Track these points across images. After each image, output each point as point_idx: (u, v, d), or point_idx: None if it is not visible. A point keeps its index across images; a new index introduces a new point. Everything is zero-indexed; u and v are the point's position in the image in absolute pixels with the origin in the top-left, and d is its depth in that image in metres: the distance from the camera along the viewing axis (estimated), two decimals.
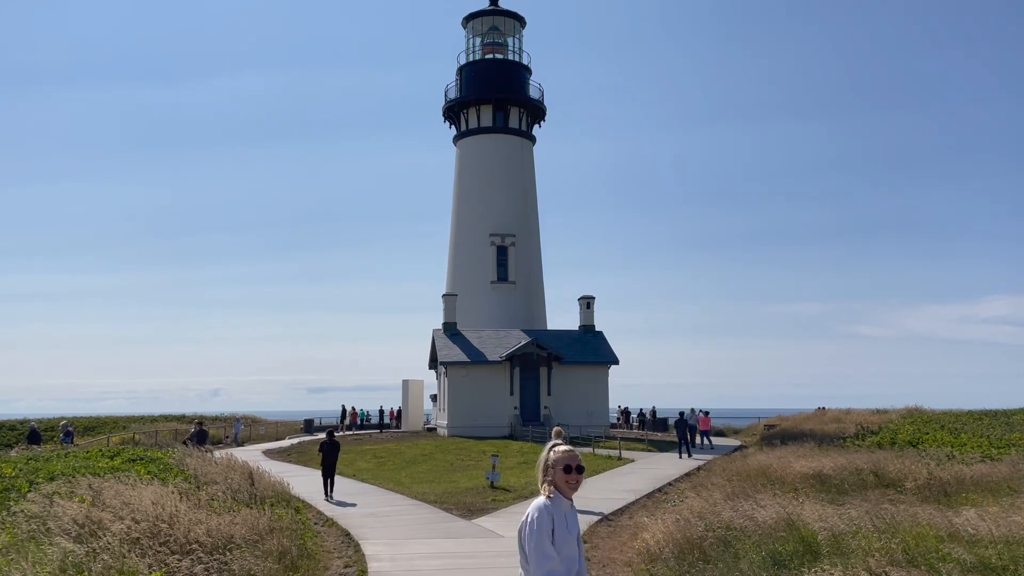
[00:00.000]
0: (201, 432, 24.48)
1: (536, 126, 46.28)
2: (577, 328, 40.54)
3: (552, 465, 4.24)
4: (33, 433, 30.94)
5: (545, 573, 4.08)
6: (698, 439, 31.42)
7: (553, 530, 4.13)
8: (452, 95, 45.75)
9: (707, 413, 33.96)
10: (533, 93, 45.77)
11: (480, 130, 44.31)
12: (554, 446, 4.36)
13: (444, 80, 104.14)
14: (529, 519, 4.18)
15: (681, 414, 29.40)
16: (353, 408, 48.30)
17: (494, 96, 43.97)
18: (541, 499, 4.24)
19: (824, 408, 45.82)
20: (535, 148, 46.25)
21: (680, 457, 26.30)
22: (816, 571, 7.36)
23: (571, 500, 4.33)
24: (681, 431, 27.55)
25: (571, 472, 4.23)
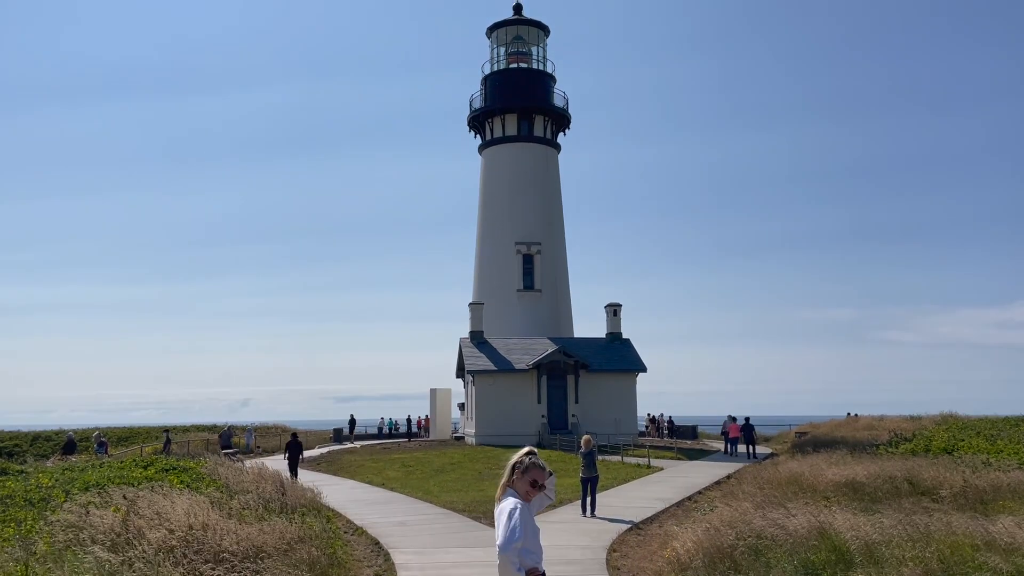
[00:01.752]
0: (295, 443, 23.79)
1: (561, 134, 46.36)
2: (604, 336, 40.43)
3: (523, 472, 4.74)
4: (69, 443, 31.51)
5: (514, 548, 4.49)
6: (740, 447, 31.66)
7: (527, 523, 4.60)
8: (477, 104, 45.98)
9: (735, 419, 33.54)
10: (558, 101, 45.87)
11: (505, 139, 44.48)
12: (530, 453, 4.83)
13: (469, 90, 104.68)
14: (510, 513, 4.58)
15: (736, 419, 33.02)
16: (352, 417, 48.37)
17: (519, 105, 44.12)
18: (514, 500, 4.67)
19: (855, 415, 45.24)
20: (560, 156, 46.32)
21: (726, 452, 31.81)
22: None
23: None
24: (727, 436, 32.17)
25: (535, 487, 4.73)
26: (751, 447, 31.15)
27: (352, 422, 47.83)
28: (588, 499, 15.52)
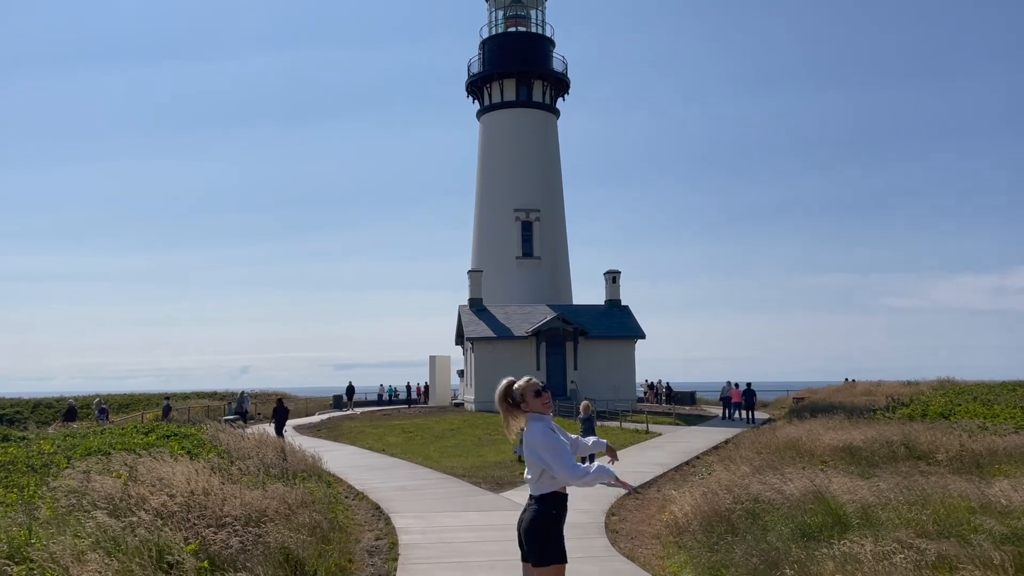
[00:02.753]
0: (281, 409, 24.94)
1: (560, 99, 45.96)
2: (603, 303, 40.47)
3: (523, 395, 4.84)
4: (70, 410, 31.68)
5: (574, 468, 4.68)
6: (739, 413, 32.06)
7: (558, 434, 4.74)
8: (475, 69, 45.50)
9: (736, 386, 33.86)
10: (556, 66, 45.40)
11: (504, 104, 44.07)
12: (510, 383, 4.95)
13: (467, 55, 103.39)
14: (536, 435, 4.74)
15: (738, 385, 33.87)
16: (350, 384, 48.24)
17: (517, 69, 43.67)
18: (531, 419, 4.82)
19: (853, 380, 45.46)
20: (559, 121, 45.94)
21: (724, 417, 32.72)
22: (845, 543, 7.34)
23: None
24: (726, 401, 33.50)
25: (542, 394, 4.84)
26: (750, 412, 31.41)
27: (351, 389, 47.84)
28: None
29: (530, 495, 4.86)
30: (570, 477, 4.66)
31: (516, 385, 4.92)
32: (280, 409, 24.71)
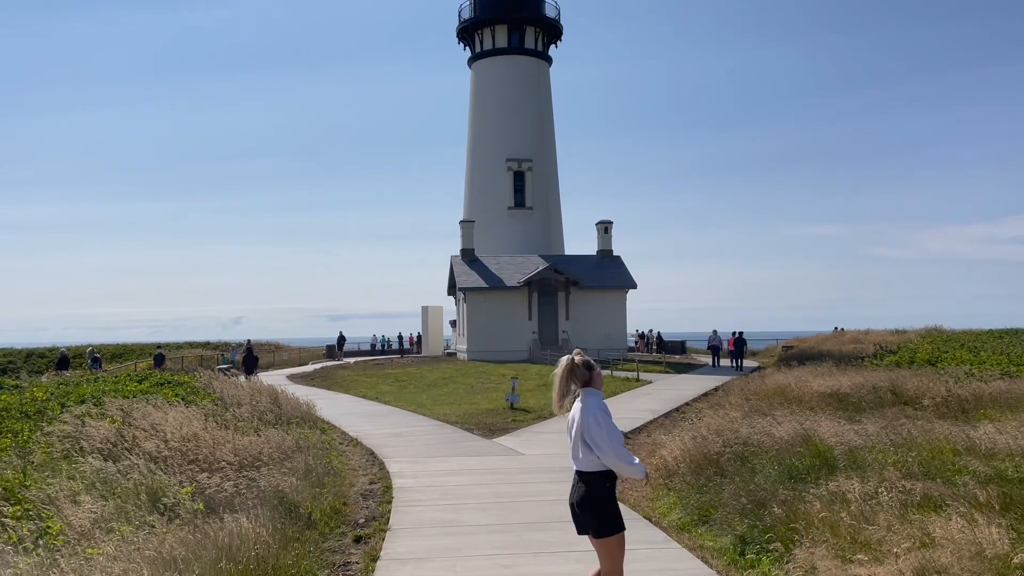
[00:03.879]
0: (251, 357, 27.21)
1: (552, 46, 45.24)
2: (595, 253, 40.47)
3: (594, 366, 4.91)
4: (63, 359, 31.70)
5: (626, 456, 4.74)
6: (726, 361, 32.73)
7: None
8: (466, 15, 44.66)
9: (717, 334, 34.81)
10: (549, 12, 44.59)
11: (495, 51, 43.38)
12: (574, 360, 4.91)
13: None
14: (596, 411, 4.78)
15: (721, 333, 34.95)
16: (340, 334, 48.36)
17: (509, 15, 42.88)
18: (589, 393, 4.86)
19: (842, 329, 45.82)
20: (552, 69, 45.32)
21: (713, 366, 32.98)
22: (833, 483, 7.46)
23: None
24: (714, 352, 34.29)
25: (594, 368, 4.95)
26: (739, 360, 31.79)
27: (341, 339, 47.94)
28: None
29: (578, 471, 4.86)
30: (618, 462, 4.73)
31: (581, 359, 4.92)
32: (249, 357, 26.76)
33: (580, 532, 4.95)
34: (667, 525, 8.11)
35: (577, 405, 4.90)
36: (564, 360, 4.97)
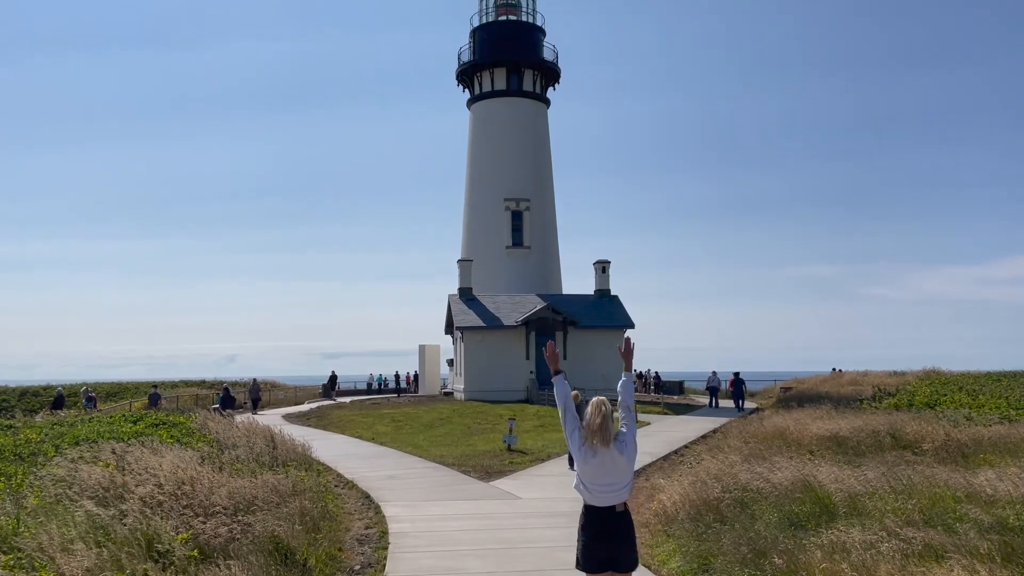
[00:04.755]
0: (227, 397, 28.09)
1: (551, 88, 45.81)
2: (592, 292, 40.51)
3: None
4: (59, 398, 31.51)
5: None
6: (727, 402, 32.80)
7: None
8: (466, 58, 45.29)
9: (736, 375, 34.24)
10: (547, 55, 45.25)
11: (494, 93, 43.91)
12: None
13: (458, 43, 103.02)
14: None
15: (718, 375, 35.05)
16: (333, 373, 47.75)
17: (508, 58, 43.50)
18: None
19: (839, 370, 45.73)
20: (549, 111, 45.85)
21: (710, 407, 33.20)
22: (833, 532, 7.40)
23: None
24: (713, 393, 34.51)
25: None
26: (740, 401, 31.79)
27: (333, 378, 47.28)
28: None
29: (621, 505, 4.98)
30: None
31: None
32: (226, 397, 29.04)
33: (619, 571, 4.93)
34: (667, 573, 8.02)
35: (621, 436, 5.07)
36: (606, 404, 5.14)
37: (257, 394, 37.56)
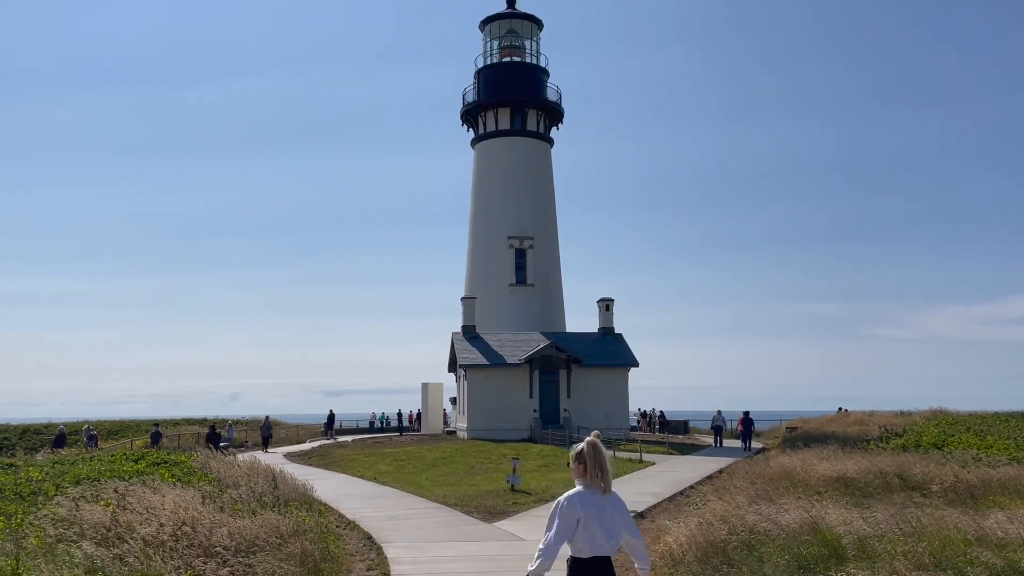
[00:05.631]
0: (214, 434, 30.02)
1: (554, 128, 46.31)
2: (596, 330, 40.46)
3: (599, 458, 5.05)
4: (60, 437, 31.38)
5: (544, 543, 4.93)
6: (733, 442, 32.98)
7: (584, 513, 4.91)
8: (470, 98, 45.86)
9: (745, 413, 33.98)
10: (551, 95, 45.80)
11: (498, 133, 44.38)
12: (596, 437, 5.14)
13: (462, 83, 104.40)
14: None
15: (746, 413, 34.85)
16: (331, 412, 46.89)
17: (512, 99, 44.04)
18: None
19: (846, 410, 45.41)
20: (553, 150, 46.26)
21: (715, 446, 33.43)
22: (843, 575, 7.29)
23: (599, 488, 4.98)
24: (718, 433, 34.55)
25: (579, 462, 5.05)
26: (748, 441, 31.66)
27: (331, 418, 46.62)
28: None
29: (608, 557, 4.98)
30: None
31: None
32: (212, 434, 30.12)
33: None
34: None
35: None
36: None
37: (268, 432, 37.92)
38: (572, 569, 4.94)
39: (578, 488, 4.98)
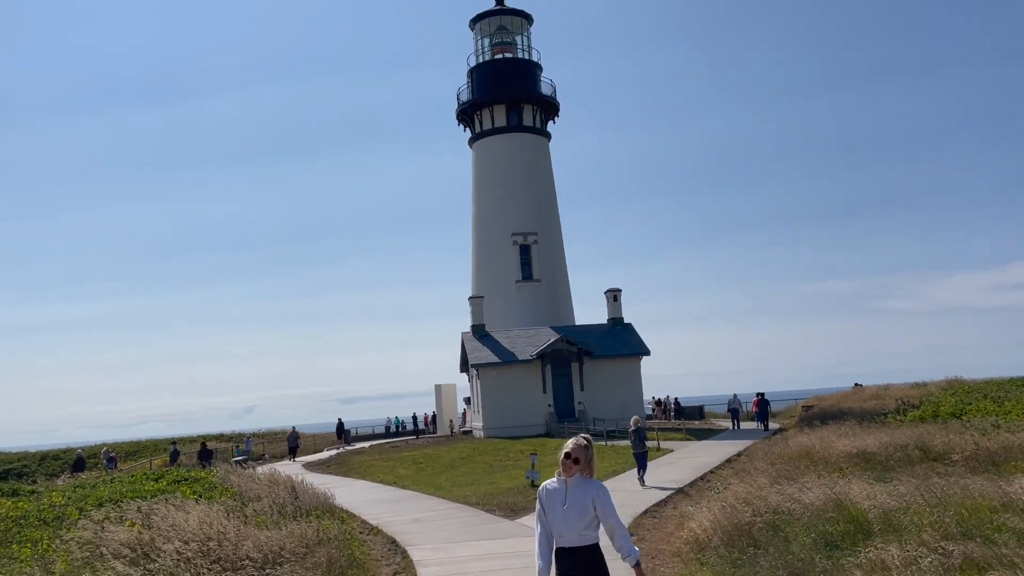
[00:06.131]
0: (205, 451, 31.17)
1: (551, 122, 46.20)
2: (606, 321, 40.41)
3: (561, 450, 5.22)
4: (79, 461, 31.49)
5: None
6: (749, 424, 32.83)
7: (545, 505, 5.24)
8: (464, 98, 45.80)
9: (760, 394, 34.55)
10: (545, 90, 45.69)
11: (495, 130, 44.31)
12: (580, 436, 5.29)
13: (456, 84, 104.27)
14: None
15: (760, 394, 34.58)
16: (340, 421, 47.40)
17: (506, 96, 43.96)
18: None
19: (860, 385, 45.28)
20: (551, 144, 46.18)
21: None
22: (870, 550, 7.27)
23: (571, 478, 5.18)
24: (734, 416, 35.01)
25: (567, 459, 5.17)
26: (765, 422, 31.76)
27: (340, 426, 46.80)
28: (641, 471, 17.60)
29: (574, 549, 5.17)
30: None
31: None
32: (204, 451, 31.18)
33: None
34: None
35: (578, 480, 5.16)
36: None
37: (295, 442, 38.64)
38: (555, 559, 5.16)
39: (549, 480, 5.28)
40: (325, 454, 38.06)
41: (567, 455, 5.12)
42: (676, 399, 46.31)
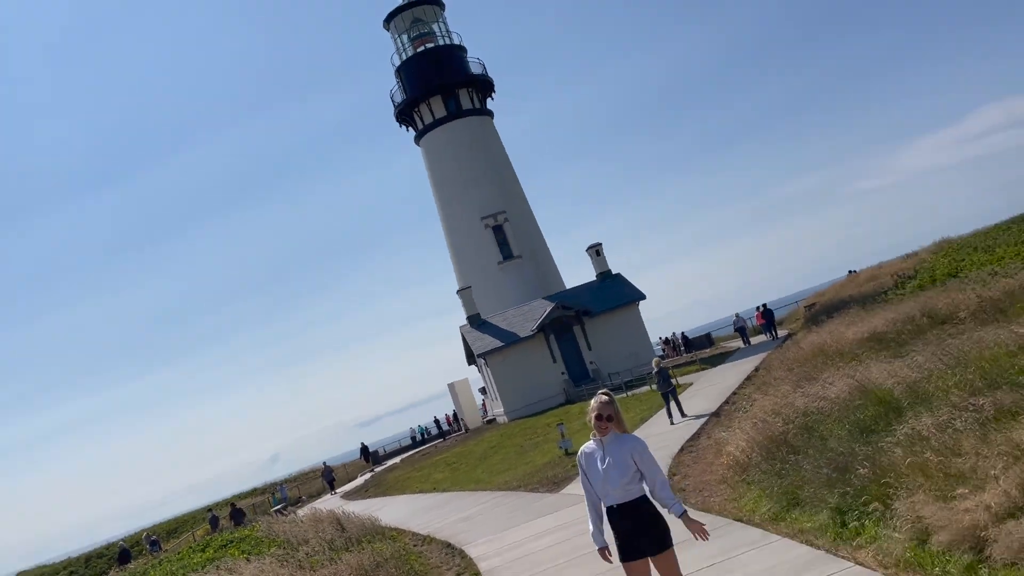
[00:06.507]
0: (236, 511, 32.06)
1: (489, 99, 45.97)
2: (595, 278, 40.49)
3: (589, 412, 5.16)
4: (123, 553, 31.41)
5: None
6: (760, 337, 33.15)
7: (585, 468, 5.26)
8: (399, 99, 45.48)
9: (761, 308, 35.40)
10: (475, 69, 45.42)
11: (436, 123, 44.06)
12: (599, 394, 5.24)
13: (388, 87, 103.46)
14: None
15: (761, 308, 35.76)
16: (363, 444, 48.76)
17: (438, 85, 43.67)
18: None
19: (855, 271, 45.60)
20: (495, 121, 45.98)
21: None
22: (905, 425, 7.34)
23: (606, 437, 5.13)
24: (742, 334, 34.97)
25: (599, 420, 5.11)
26: (773, 331, 32.00)
27: (364, 449, 47.82)
28: (672, 408, 17.83)
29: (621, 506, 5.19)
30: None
31: (594, 400, 5.25)
32: (235, 511, 32.00)
33: (638, 557, 5.09)
34: (759, 520, 7.95)
35: (612, 438, 5.12)
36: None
37: (331, 476, 39.06)
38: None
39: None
40: (359, 480, 38.12)
41: (598, 416, 5.08)
42: (683, 333, 46.57)
